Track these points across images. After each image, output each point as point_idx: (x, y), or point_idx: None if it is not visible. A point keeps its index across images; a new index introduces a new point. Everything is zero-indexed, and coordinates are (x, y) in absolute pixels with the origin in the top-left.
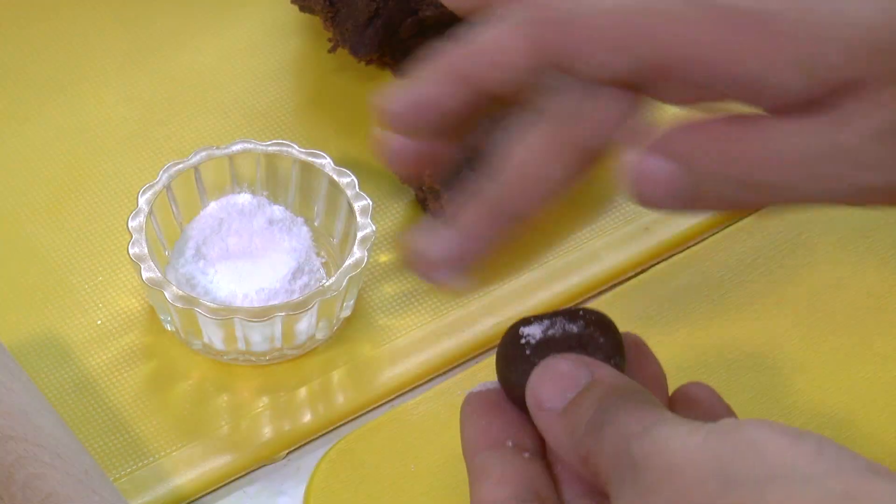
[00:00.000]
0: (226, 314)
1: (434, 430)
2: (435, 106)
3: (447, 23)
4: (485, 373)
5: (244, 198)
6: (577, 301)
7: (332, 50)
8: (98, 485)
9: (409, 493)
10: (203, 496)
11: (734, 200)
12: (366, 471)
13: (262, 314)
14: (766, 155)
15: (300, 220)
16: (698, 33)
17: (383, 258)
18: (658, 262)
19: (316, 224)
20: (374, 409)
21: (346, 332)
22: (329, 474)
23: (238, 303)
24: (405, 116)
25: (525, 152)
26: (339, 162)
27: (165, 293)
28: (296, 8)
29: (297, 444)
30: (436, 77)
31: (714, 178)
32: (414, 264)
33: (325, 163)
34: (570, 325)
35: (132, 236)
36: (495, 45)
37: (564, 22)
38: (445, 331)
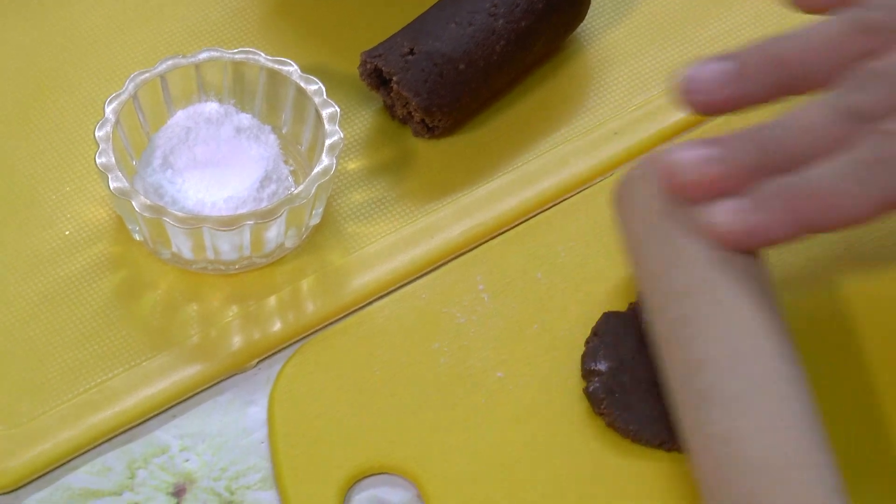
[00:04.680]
0: (194, 223)
1: (399, 334)
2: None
3: None
4: (453, 276)
5: (211, 106)
6: (545, 206)
7: None
8: None
9: (373, 396)
10: (173, 406)
11: None
12: (330, 375)
13: (230, 222)
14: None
15: (268, 128)
16: None
17: (351, 165)
18: (626, 166)
19: (283, 132)
20: (345, 316)
21: (315, 239)
22: (293, 379)
23: (206, 211)
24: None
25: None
26: (306, 69)
27: (133, 203)
28: None
29: (267, 353)
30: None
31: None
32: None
33: (292, 70)
34: None
35: (99, 146)
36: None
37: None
38: (414, 237)
